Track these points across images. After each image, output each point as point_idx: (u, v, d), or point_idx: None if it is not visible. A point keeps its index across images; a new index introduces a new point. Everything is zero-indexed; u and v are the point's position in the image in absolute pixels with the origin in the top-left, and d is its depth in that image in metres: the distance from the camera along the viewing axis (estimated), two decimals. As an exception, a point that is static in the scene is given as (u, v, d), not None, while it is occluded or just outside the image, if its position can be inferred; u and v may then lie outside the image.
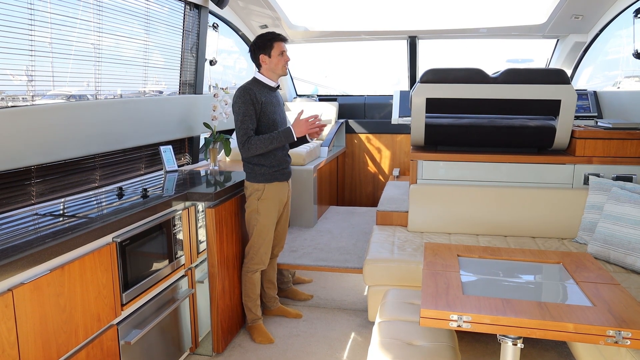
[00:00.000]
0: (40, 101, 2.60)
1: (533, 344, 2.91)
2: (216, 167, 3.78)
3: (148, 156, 3.52)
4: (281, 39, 2.87)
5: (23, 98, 2.54)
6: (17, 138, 2.34)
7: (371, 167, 5.73)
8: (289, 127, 2.80)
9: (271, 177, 2.90)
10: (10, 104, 2.48)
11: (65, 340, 1.84)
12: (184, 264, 2.70)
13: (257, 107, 2.77)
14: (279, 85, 2.97)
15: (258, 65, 2.90)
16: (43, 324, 1.74)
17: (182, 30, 3.81)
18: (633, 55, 3.89)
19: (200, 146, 4.23)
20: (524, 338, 1.82)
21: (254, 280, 3.01)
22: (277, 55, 2.84)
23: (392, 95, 5.25)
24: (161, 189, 2.90)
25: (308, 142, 3.00)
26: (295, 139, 2.82)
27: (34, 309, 1.70)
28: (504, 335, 1.84)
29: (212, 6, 4.02)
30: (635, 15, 3.81)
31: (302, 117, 2.84)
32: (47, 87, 2.66)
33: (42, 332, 1.73)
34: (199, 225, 2.84)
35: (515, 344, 1.83)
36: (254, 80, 2.89)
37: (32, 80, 2.52)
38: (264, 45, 2.84)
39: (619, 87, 4.51)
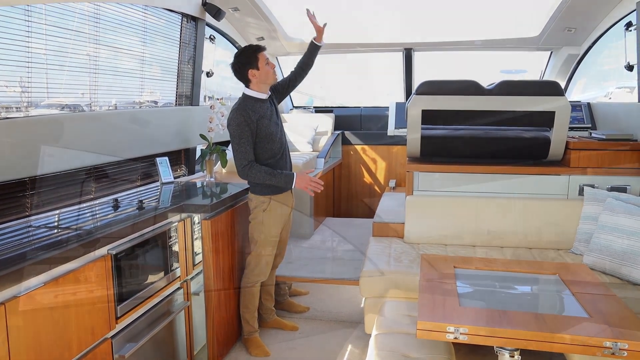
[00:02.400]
0: (34, 111, 2.59)
1: (530, 356, 2.89)
2: (212, 179, 3.77)
3: (144, 168, 3.52)
4: (263, 48, 2.87)
5: (17, 108, 2.54)
6: (12, 149, 2.33)
7: (367, 179, 5.74)
8: (294, 174, 2.86)
9: (276, 189, 2.90)
10: (3, 114, 2.48)
11: (59, 355, 1.82)
12: (179, 276, 2.68)
13: (253, 126, 2.76)
14: (270, 95, 2.95)
15: (247, 82, 2.85)
16: (36, 337, 1.71)
17: (179, 43, 3.83)
18: (625, 67, 3.93)
19: (197, 158, 4.22)
20: (520, 350, 1.82)
21: (253, 292, 2.99)
22: (264, 66, 2.83)
23: (387, 107, 5.28)
24: (157, 200, 2.89)
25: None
26: (293, 187, 2.89)
27: (27, 323, 1.68)
28: (501, 347, 1.83)
29: (209, 18, 4.04)
30: (627, 29, 3.86)
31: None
32: (42, 97, 2.66)
33: (35, 346, 1.71)
34: (194, 237, 2.82)
35: (512, 356, 1.82)
36: (245, 97, 2.85)
37: (25, 92, 2.52)
38: (250, 60, 2.80)
39: (610, 98, 4.55)
